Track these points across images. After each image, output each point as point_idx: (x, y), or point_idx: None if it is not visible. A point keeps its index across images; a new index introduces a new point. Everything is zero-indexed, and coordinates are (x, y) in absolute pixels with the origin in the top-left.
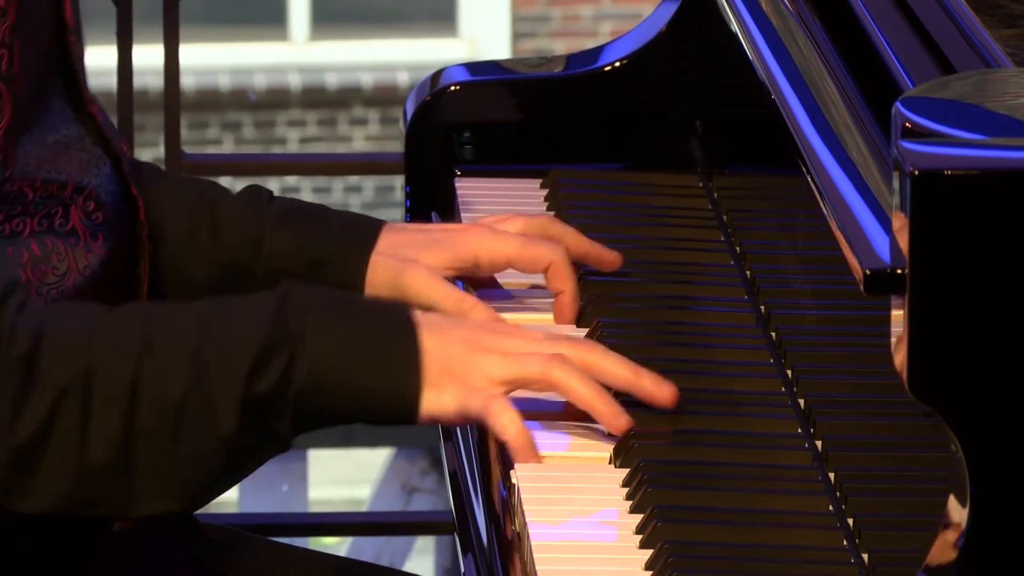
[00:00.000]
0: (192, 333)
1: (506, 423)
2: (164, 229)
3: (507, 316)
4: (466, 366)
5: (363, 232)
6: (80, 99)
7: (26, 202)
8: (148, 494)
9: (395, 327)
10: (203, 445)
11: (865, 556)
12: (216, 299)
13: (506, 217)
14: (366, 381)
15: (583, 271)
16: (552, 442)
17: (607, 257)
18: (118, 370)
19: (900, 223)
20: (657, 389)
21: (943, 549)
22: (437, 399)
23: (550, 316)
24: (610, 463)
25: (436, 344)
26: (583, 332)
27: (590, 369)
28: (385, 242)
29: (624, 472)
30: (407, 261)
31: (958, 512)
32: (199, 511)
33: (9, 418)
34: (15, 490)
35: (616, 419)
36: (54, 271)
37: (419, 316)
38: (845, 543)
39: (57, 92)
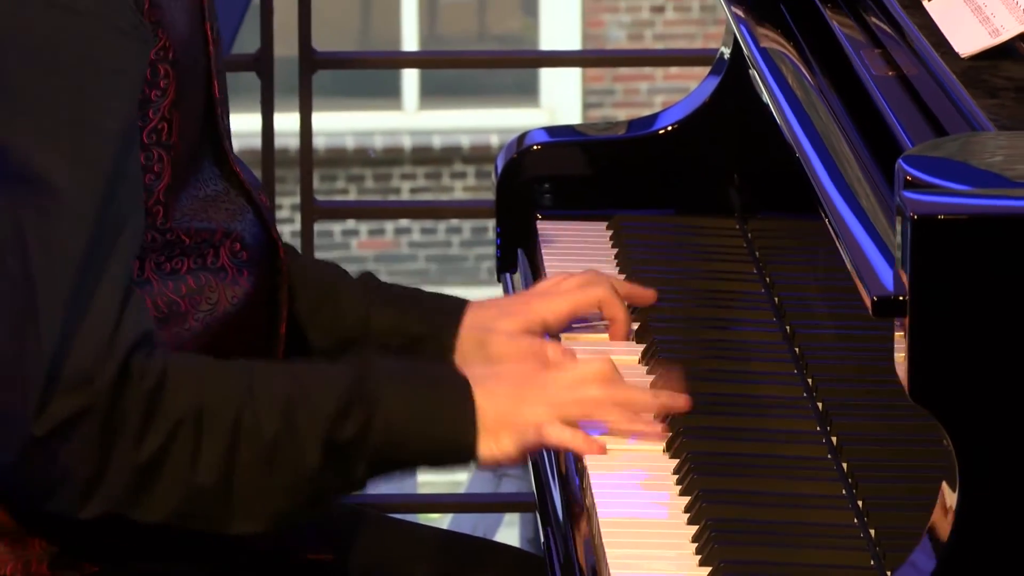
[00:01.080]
0: (287, 385)
1: (565, 438)
2: (292, 299)
3: (579, 336)
4: (516, 416)
5: (451, 311)
6: (226, 160)
7: (183, 246)
8: (242, 516)
9: (453, 388)
10: (290, 477)
11: (872, 531)
12: (309, 363)
13: (562, 278)
14: (431, 433)
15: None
16: (615, 440)
17: (645, 294)
18: (224, 410)
19: (902, 258)
20: (673, 401)
21: (938, 525)
22: (495, 445)
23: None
24: (664, 453)
25: (488, 400)
26: (641, 348)
27: (618, 402)
28: (469, 318)
29: (675, 462)
30: (489, 331)
31: (950, 495)
32: None
33: (134, 441)
34: (135, 502)
35: (650, 432)
36: (207, 300)
37: (471, 375)
38: (855, 521)
39: (207, 154)
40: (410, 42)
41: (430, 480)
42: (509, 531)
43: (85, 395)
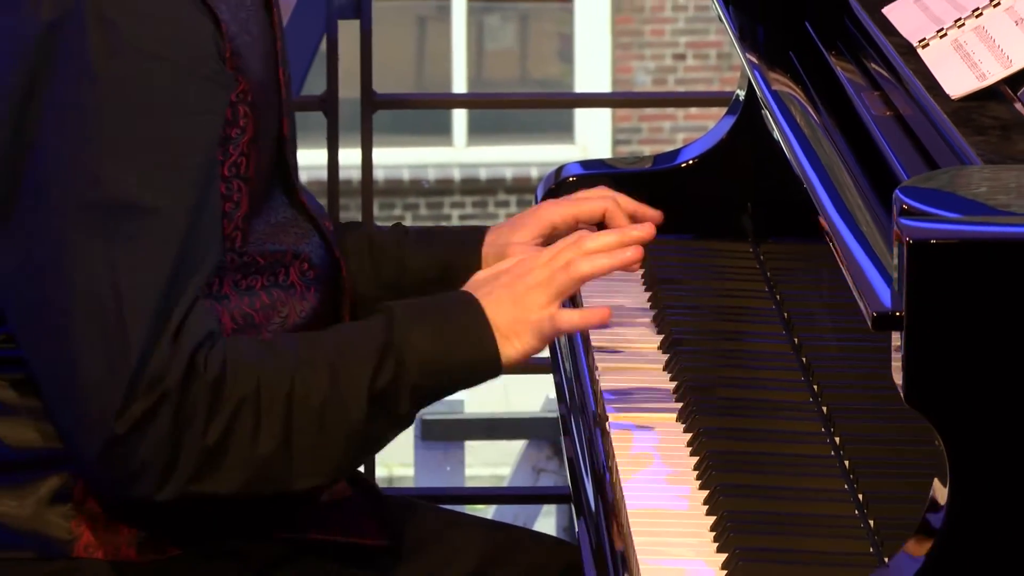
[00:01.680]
0: (328, 352)
1: (573, 319)
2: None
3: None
4: (521, 310)
5: (473, 238)
6: (293, 190)
7: (258, 266)
8: (303, 474)
9: (465, 311)
10: (342, 433)
11: (871, 522)
12: (343, 325)
13: (570, 196)
14: (457, 358)
15: (667, 309)
16: (639, 440)
17: (650, 213)
18: (278, 385)
19: (899, 278)
20: (641, 230)
21: (931, 517)
22: (515, 345)
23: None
24: (686, 449)
25: (493, 306)
26: (665, 357)
27: (590, 251)
28: (488, 239)
29: (695, 459)
30: (505, 245)
31: (941, 490)
32: (385, 485)
33: (202, 427)
34: (205, 479)
35: (636, 233)
36: (279, 314)
37: (476, 290)
38: (856, 513)
39: (277, 185)
40: (459, 85)
41: (476, 475)
42: (546, 520)
43: (158, 392)
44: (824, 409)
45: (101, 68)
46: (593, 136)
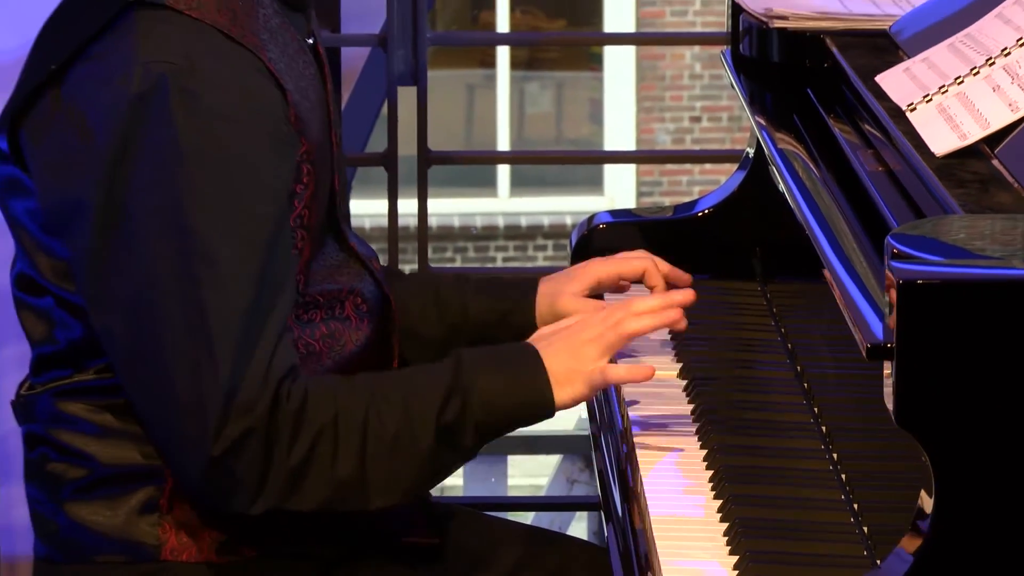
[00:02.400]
0: (401, 388)
1: (620, 372)
2: (406, 307)
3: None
4: (576, 361)
5: (528, 287)
6: (344, 238)
7: (318, 303)
8: (378, 494)
9: (526, 360)
10: (412, 461)
11: (865, 529)
12: (415, 367)
13: (615, 256)
14: (516, 400)
15: (686, 340)
16: (661, 455)
17: (683, 276)
18: (354, 415)
19: (890, 313)
20: (683, 296)
21: (918, 524)
22: (567, 391)
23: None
24: (702, 464)
25: (551, 356)
26: (683, 383)
27: (638, 313)
28: (541, 289)
29: (710, 472)
30: (557, 295)
31: (927, 500)
32: (436, 493)
33: (287, 450)
34: (291, 497)
35: (679, 297)
36: (336, 343)
37: (536, 339)
38: (852, 520)
39: (328, 233)
40: (503, 143)
41: (517, 484)
42: (579, 525)
43: (250, 419)
44: (823, 429)
45: (185, 134)
46: (620, 188)
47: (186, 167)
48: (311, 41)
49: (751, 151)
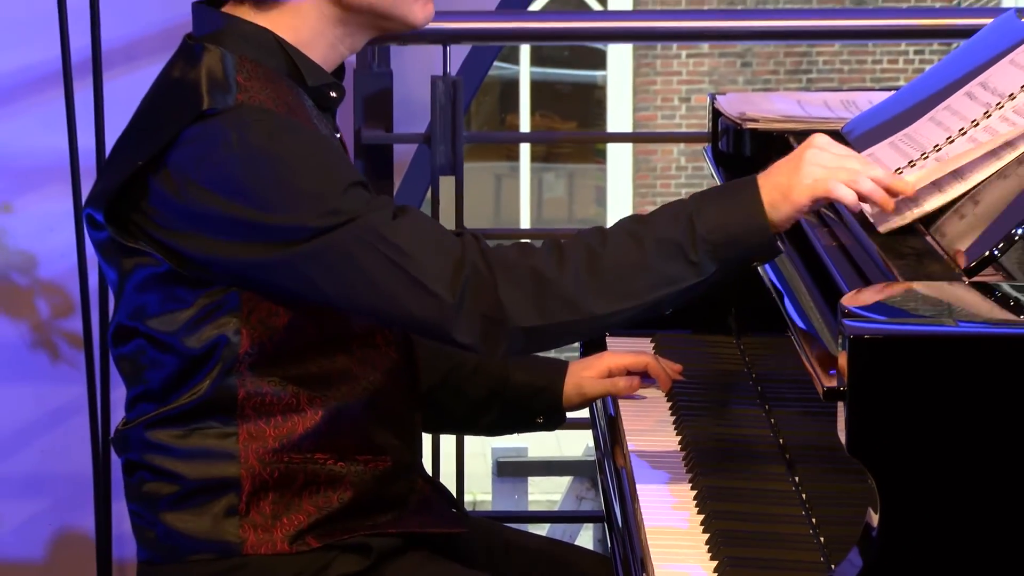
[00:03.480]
0: (633, 222)
1: (845, 193)
2: (462, 365)
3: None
4: (795, 181)
5: (559, 369)
6: None
7: (356, 335)
8: (605, 295)
9: (744, 186)
10: (643, 272)
11: (822, 539)
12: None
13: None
14: (732, 218)
15: (674, 384)
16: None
17: (677, 367)
18: (576, 240)
19: (842, 362)
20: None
21: (866, 535)
22: (783, 207)
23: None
24: (687, 484)
25: (767, 179)
26: (673, 418)
27: (873, 176)
28: (569, 372)
29: (694, 491)
30: (580, 377)
31: (873, 515)
32: (470, 508)
33: (509, 272)
34: (530, 311)
35: (889, 187)
36: (371, 365)
37: (761, 176)
38: (811, 532)
39: None
40: (524, 222)
41: (536, 500)
42: (586, 534)
43: (468, 265)
44: (787, 456)
45: (284, 146)
46: None
47: (285, 166)
48: (338, 135)
49: None
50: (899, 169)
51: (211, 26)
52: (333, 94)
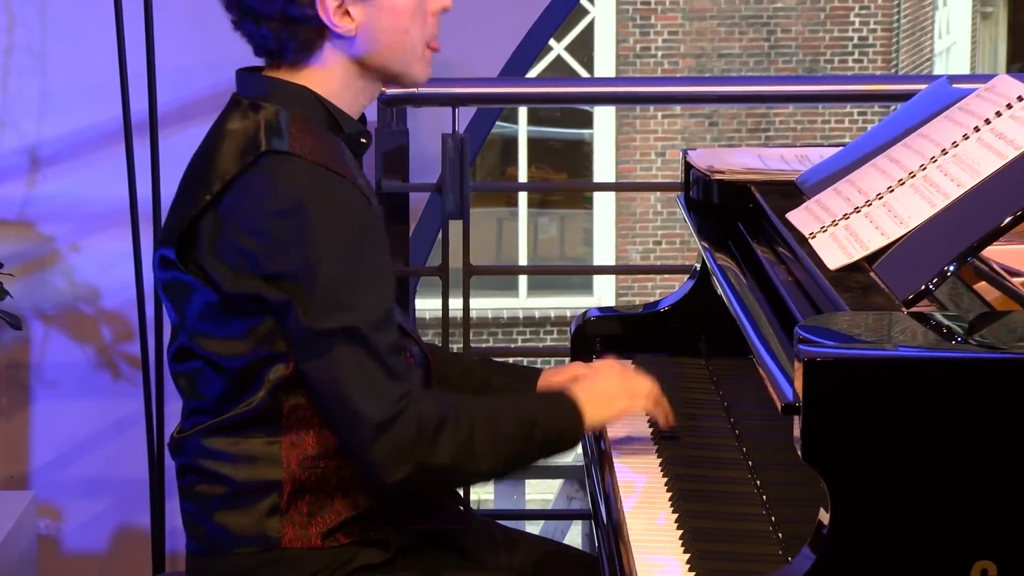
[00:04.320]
0: (511, 401)
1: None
2: (448, 372)
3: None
4: (607, 407)
5: (533, 375)
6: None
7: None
8: (485, 459)
9: (565, 404)
10: (519, 456)
11: (780, 535)
12: (518, 395)
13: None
14: (560, 424)
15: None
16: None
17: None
18: (471, 408)
19: (798, 382)
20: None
21: (818, 532)
22: (596, 417)
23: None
24: (663, 488)
25: (585, 400)
26: (650, 429)
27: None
28: (543, 376)
29: (669, 494)
30: (551, 383)
31: (825, 515)
32: (475, 507)
33: (430, 432)
34: (429, 458)
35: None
36: None
37: (576, 391)
38: (770, 528)
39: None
40: (523, 259)
41: (532, 499)
42: (575, 531)
43: (401, 413)
44: (750, 463)
45: (321, 229)
46: (604, 292)
47: (331, 261)
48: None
49: (698, 266)
50: (847, 214)
51: (259, 88)
52: (363, 140)
